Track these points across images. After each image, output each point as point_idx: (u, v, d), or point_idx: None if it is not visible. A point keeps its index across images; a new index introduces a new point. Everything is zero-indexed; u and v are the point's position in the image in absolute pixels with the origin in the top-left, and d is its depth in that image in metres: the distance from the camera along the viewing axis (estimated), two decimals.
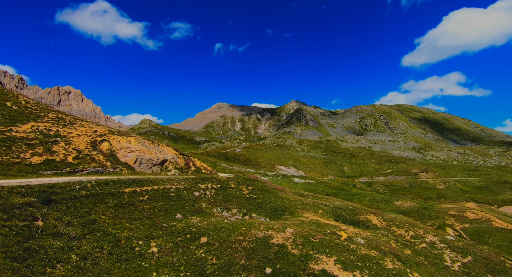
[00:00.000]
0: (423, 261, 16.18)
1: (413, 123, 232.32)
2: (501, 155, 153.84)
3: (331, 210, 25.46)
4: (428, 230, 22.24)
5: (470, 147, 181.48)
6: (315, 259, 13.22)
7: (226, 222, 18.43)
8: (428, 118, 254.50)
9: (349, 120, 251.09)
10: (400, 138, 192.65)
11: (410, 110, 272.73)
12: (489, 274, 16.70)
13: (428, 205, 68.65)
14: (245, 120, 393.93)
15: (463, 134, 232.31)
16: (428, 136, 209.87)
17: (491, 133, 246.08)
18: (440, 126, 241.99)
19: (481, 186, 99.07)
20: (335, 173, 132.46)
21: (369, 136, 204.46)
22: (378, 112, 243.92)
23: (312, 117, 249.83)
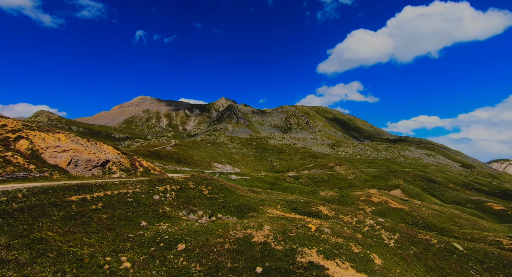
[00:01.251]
0: (371, 242, 19.44)
1: (327, 123, 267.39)
2: (387, 150, 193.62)
3: (287, 204, 27.29)
4: (364, 215, 26.68)
5: (367, 143, 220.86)
6: (299, 253, 14.16)
7: (197, 225, 17.49)
8: (338, 119, 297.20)
9: (276, 119, 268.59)
10: (318, 136, 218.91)
11: (325, 112, 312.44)
12: (412, 246, 21.47)
13: (344, 193, 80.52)
14: (172, 116, 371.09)
15: (362, 133, 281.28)
16: (338, 134, 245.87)
17: (380, 132, 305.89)
18: (346, 126, 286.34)
19: (377, 175, 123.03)
20: (266, 168, 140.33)
21: (293, 134, 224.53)
22: (300, 112, 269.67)
23: (243, 115, 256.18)
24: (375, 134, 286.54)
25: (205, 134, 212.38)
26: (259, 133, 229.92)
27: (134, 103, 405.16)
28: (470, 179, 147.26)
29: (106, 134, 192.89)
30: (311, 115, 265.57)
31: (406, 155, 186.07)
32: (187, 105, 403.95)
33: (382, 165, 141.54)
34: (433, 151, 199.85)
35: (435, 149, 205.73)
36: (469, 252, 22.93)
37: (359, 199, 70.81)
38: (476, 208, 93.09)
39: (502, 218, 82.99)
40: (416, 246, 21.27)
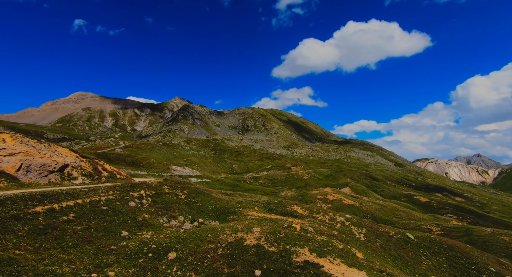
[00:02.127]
0: (346, 237, 21.09)
1: (282, 125, 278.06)
2: (336, 151, 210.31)
3: (263, 205, 27.65)
4: (334, 212, 28.70)
5: (318, 145, 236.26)
6: (294, 253, 14.61)
7: (183, 232, 16.63)
8: (292, 121, 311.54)
9: (233, 120, 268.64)
10: (274, 138, 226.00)
11: (280, 114, 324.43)
12: (377, 238, 23.94)
13: (303, 192, 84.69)
14: (119, 115, 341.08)
15: (313, 135, 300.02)
16: (293, 136, 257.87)
17: (329, 135, 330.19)
18: (300, 128, 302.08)
19: (329, 174, 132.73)
20: (225, 170, 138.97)
21: (250, 136, 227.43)
22: (257, 114, 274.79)
23: (199, 116, 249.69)
24: (325, 136, 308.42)
25: (159, 135, 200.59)
26: (216, 134, 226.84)
27: (72, 99, 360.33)
28: (402, 176, 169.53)
29: (36, 134, 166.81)
30: (267, 118, 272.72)
31: (351, 155, 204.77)
32: (137, 104, 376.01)
33: (332, 165, 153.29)
34: (373, 151, 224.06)
35: (374, 150, 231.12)
36: (419, 240, 26.63)
37: (316, 197, 75.32)
38: (408, 201, 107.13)
39: (427, 209, 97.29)
40: (380, 238, 23.90)
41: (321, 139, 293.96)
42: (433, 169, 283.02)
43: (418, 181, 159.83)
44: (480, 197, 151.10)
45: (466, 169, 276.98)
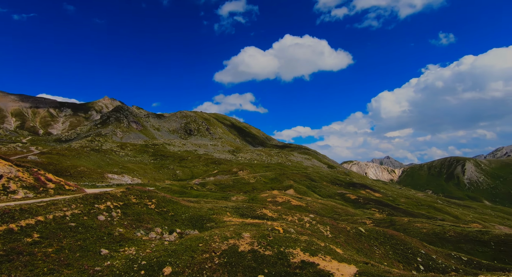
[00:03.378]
0: (319, 235, 22.72)
1: (226, 130, 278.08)
2: (278, 155, 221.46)
3: (234, 210, 27.25)
4: (300, 213, 30.41)
5: (261, 149, 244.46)
6: (289, 254, 15.07)
7: (169, 244, 15.29)
8: (236, 126, 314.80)
9: (175, 124, 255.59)
10: (218, 142, 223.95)
11: (223, 119, 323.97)
12: (340, 234, 26.50)
13: (252, 196, 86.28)
14: (27, 115, 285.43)
15: (256, 139, 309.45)
16: (237, 141, 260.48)
17: (270, 139, 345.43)
18: (243, 133, 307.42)
19: (273, 177, 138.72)
20: (168, 177, 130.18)
21: (194, 141, 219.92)
22: (200, 118, 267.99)
23: (136, 119, 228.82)
24: (267, 141, 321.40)
25: (85, 140, 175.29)
26: (156, 139, 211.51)
27: None
28: (334, 176, 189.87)
29: None
30: (211, 122, 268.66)
31: (291, 159, 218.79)
32: (53, 103, 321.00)
33: (276, 169, 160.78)
34: (309, 155, 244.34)
35: (311, 153, 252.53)
36: (369, 233, 30.57)
37: (266, 200, 77.77)
38: (341, 199, 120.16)
39: (356, 205, 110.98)
40: (342, 234, 26.55)
41: (263, 143, 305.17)
42: (356, 169, 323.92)
43: (346, 181, 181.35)
44: (391, 192, 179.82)
45: (379, 169, 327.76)
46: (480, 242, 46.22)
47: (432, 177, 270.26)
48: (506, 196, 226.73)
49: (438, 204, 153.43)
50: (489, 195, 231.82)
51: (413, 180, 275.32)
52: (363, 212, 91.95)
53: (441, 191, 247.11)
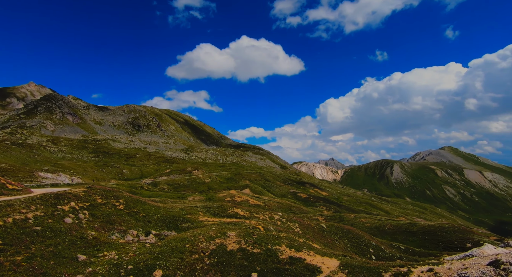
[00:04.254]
0: (292, 232, 23.66)
1: (179, 127, 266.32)
2: (233, 155, 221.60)
3: (206, 210, 26.32)
4: (270, 211, 31.06)
5: (216, 148, 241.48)
6: (277, 251, 15.39)
7: (150, 246, 14.17)
8: (190, 124, 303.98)
9: (121, 119, 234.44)
10: (171, 140, 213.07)
11: (176, 116, 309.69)
12: (308, 230, 27.99)
13: (210, 196, 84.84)
14: None
15: (210, 138, 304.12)
16: (191, 139, 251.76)
17: (225, 139, 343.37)
18: (197, 131, 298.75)
19: (229, 177, 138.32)
20: (113, 176, 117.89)
21: (143, 138, 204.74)
22: (150, 114, 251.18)
23: (72, 111, 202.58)
24: (221, 140, 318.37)
25: (3, 132, 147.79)
26: (98, 134, 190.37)
27: None
28: (286, 176, 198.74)
29: None
30: (162, 118, 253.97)
31: (246, 159, 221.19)
32: None
33: (231, 168, 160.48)
34: (263, 155, 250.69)
35: (264, 154, 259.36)
36: (329, 228, 33.05)
37: (224, 199, 77.27)
38: (294, 197, 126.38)
39: (307, 203, 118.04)
40: (309, 230, 28.14)
41: (218, 142, 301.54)
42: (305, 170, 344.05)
43: (297, 180, 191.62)
44: (335, 191, 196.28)
45: (325, 169, 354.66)
46: (410, 233, 54.07)
47: (368, 177, 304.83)
48: (422, 193, 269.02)
49: (373, 201, 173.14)
50: (409, 193, 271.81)
51: (353, 180, 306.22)
52: (314, 210, 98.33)
53: (374, 190, 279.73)
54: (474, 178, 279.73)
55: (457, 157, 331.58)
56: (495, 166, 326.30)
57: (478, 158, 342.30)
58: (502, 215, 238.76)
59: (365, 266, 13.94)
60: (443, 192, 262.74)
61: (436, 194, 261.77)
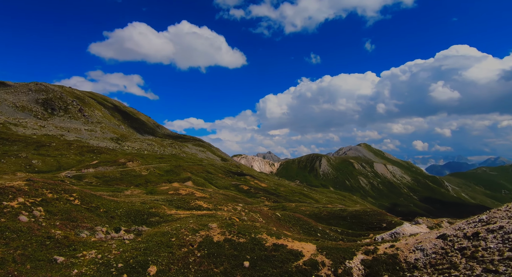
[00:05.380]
0: (261, 221, 24.49)
1: (107, 113, 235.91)
2: (171, 146, 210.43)
3: (168, 203, 24.45)
4: (231, 203, 31.08)
5: (153, 139, 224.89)
6: (261, 240, 15.83)
7: (130, 243, 12.81)
8: (121, 110, 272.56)
9: (26, 98, 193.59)
10: (97, 128, 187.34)
11: (104, 100, 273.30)
12: (269, 219, 29.30)
13: (150, 189, 79.45)
14: None
15: (145, 128, 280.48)
16: (122, 128, 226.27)
17: (162, 129, 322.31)
18: (130, 119, 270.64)
19: (169, 169, 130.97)
20: (17, 168, 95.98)
21: (60, 123, 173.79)
22: (69, 96, 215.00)
23: None
24: (158, 130, 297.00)
25: None
26: None
27: None
28: (227, 168, 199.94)
29: None
30: (86, 102, 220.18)
31: (186, 150, 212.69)
32: None
33: (171, 160, 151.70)
34: (204, 147, 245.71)
35: (205, 146, 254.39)
36: (284, 217, 35.37)
37: (168, 193, 73.64)
38: (236, 189, 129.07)
39: (249, 194, 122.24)
40: (270, 219, 29.46)
41: (154, 132, 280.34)
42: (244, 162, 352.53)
43: (238, 172, 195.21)
44: (273, 183, 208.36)
45: (263, 162, 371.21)
46: (341, 217, 62.29)
47: (300, 170, 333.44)
48: (342, 183, 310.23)
49: (305, 191, 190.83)
50: (333, 183, 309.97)
51: (287, 172, 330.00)
52: (256, 200, 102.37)
53: (305, 181, 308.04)
54: (380, 170, 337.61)
55: (369, 152, 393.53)
56: (394, 160, 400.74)
57: (383, 153, 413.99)
58: (396, 199, 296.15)
59: (339, 247, 15.79)
60: (358, 182, 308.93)
61: (353, 183, 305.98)
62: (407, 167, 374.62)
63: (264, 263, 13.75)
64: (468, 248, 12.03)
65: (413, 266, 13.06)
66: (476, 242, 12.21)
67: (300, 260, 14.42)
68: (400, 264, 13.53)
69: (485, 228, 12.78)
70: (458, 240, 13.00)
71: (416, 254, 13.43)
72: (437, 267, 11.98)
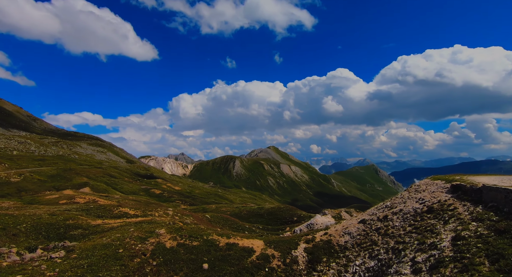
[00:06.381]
0: (202, 223, 23.52)
1: None
2: (56, 145, 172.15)
3: (86, 212, 19.84)
4: (161, 207, 28.28)
5: (26, 136, 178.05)
6: (214, 241, 15.43)
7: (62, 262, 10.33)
8: None
9: None
10: None
11: None
12: (200, 221, 28.43)
13: (29, 199, 63.75)
14: None
15: (14, 120, 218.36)
16: None
17: (41, 124, 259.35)
18: None
19: (55, 174, 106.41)
20: None
21: None
22: None
23: None
24: (35, 124, 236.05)
25: None
26: None
27: None
28: (135, 172, 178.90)
29: None
30: None
31: (78, 151, 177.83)
32: None
33: (57, 163, 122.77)
34: (104, 148, 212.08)
35: (106, 146, 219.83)
36: (213, 218, 34.97)
37: (58, 202, 60.79)
38: (146, 194, 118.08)
39: (161, 199, 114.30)
40: (201, 221, 28.36)
41: (28, 127, 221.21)
42: (154, 164, 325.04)
43: (148, 176, 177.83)
44: (187, 186, 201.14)
45: (175, 164, 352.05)
46: (259, 215, 66.69)
47: (214, 171, 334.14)
48: (254, 183, 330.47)
49: (219, 193, 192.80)
50: (245, 183, 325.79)
51: (201, 174, 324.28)
52: (172, 205, 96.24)
53: (219, 182, 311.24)
54: (285, 170, 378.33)
55: (277, 154, 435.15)
56: (296, 161, 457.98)
57: (288, 156, 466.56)
58: (297, 196, 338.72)
59: (283, 240, 17.35)
60: (267, 181, 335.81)
61: (263, 183, 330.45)
62: (305, 167, 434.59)
63: (222, 262, 13.71)
64: (382, 228, 15.83)
65: (344, 247, 15.94)
66: (386, 222, 16.21)
67: (253, 256, 15.05)
68: (334, 247, 16.21)
69: (391, 211, 17.15)
70: (374, 222, 16.81)
71: (345, 238, 16.43)
72: (362, 246, 15.13)
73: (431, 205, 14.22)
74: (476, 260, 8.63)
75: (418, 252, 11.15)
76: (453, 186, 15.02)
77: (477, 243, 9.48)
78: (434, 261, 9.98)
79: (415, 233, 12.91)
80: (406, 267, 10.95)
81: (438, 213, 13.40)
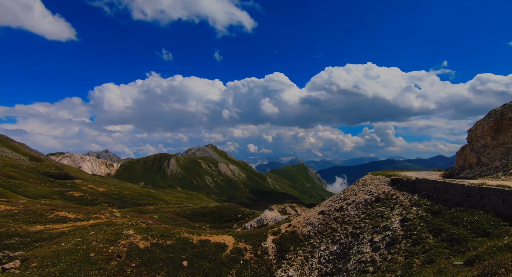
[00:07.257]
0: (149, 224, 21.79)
1: None
2: None
3: (12, 218, 15.75)
4: (106, 209, 24.76)
5: None
6: (187, 238, 14.83)
7: (24, 273, 8.54)
8: None
9: None
10: None
11: None
12: (152, 222, 26.35)
13: None
14: None
15: None
16: None
17: None
18: None
19: None
20: None
21: None
22: None
23: None
24: None
25: None
26: None
27: None
28: (44, 171, 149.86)
29: None
30: None
31: None
32: None
33: None
34: None
35: None
36: (162, 219, 32.70)
37: None
38: (62, 197, 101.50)
39: (82, 202, 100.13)
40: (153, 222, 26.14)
41: None
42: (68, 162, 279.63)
43: (62, 176, 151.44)
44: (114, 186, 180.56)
45: (97, 162, 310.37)
46: (203, 214, 65.39)
47: (146, 170, 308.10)
48: (190, 182, 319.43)
49: (153, 193, 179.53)
50: (181, 183, 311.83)
51: (130, 173, 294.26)
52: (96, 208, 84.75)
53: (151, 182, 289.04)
54: (223, 169, 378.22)
55: (215, 153, 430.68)
56: (234, 160, 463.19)
57: (226, 154, 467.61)
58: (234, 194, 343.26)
59: (252, 234, 17.95)
60: (204, 180, 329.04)
61: (200, 182, 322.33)
62: (243, 166, 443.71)
63: (199, 259, 13.47)
64: (339, 217, 18.09)
65: (308, 236, 17.54)
66: (343, 212, 18.57)
67: (227, 250, 15.16)
68: (299, 236, 17.65)
69: (345, 202, 19.73)
70: (332, 213, 19.02)
71: (308, 228, 18.09)
72: (324, 233, 16.99)
73: (378, 196, 17.25)
74: (423, 235, 11.20)
75: (374, 234, 13.45)
76: (392, 180, 18.56)
77: (420, 222, 12.22)
78: (389, 239, 12.32)
79: (369, 219, 15.45)
80: (366, 247, 13.06)
81: (384, 201, 16.39)
